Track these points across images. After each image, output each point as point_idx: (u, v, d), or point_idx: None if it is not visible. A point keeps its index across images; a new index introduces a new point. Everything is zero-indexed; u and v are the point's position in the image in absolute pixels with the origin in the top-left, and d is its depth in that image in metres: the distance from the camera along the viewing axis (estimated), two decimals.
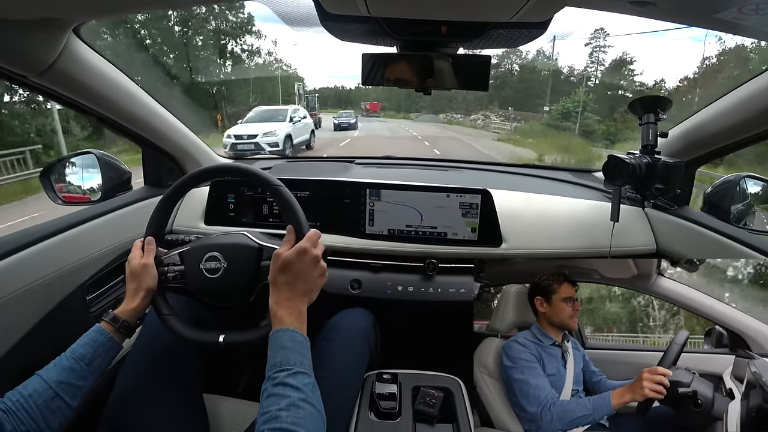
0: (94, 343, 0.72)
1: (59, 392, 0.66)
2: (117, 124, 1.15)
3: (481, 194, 1.18)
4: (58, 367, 0.68)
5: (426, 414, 0.93)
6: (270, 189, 0.83)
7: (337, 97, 63.75)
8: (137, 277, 0.81)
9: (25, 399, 0.63)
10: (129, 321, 0.77)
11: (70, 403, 0.67)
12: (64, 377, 0.67)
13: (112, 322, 0.76)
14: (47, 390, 0.65)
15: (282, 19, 23.73)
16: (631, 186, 1.11)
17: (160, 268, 0.84)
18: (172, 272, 0.84)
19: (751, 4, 0.61)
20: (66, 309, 1.03)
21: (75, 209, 1.15)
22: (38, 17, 0.74)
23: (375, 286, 1.21)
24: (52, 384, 0.66)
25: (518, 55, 36.14)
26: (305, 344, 0.70)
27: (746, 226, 1.12)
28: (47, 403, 0.64)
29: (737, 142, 1.04)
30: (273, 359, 0.66)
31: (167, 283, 0.84)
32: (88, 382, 0.70)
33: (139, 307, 0.79)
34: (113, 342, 0.75)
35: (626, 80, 26.16)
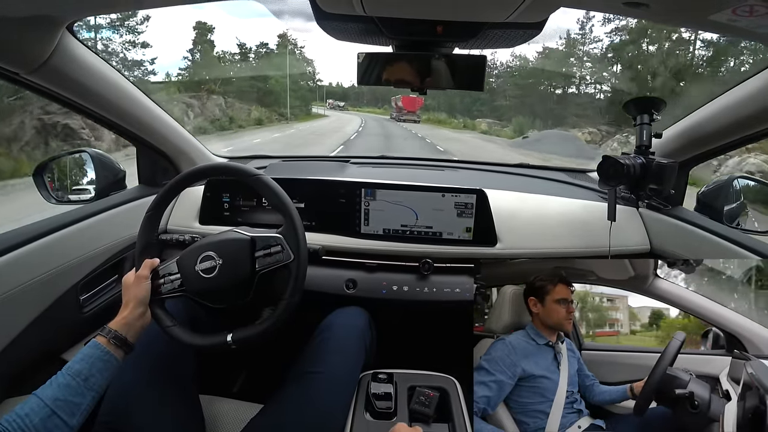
0: (90, 358, 0.71)
1: (56, 410, 0.64)
2: (111, 123, 1.14)
3: (476, 194, 1.19)
4: (54, 385, 0.67)
5: (421, 414, 0.93)
6: (251, 180, 0.83)
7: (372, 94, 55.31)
8: (128, 288, 0.81)
9: (21, 419, 0.62)
10: (120, 332, 0.75)
11: (68, 422, 0.65)
12: (60, 394, 0.66)
13: (105, 334, 0.74)
14: (44, 408, 0.64)
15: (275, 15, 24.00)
16: (625, 186, 1.12)
17: (156, 281, 0.83)
18: (170, 282, 0.83)
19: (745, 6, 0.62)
20: (59, 309, 1.02)
21: (68, 208, 1.14)
22: (32, 14, 0.74)
23: (370, 286, 1.21)
24: (48, 402, 0.64)
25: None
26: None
27: (739, 226, 1.13)
28: (44, 421, 0.63)
29: (730, 142, 1.05)
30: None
31: (167, 294, 0.83)
32: (86, 399, 0.68)
33: (129, 317, 0.77)
34: (109, 356, 0.72)
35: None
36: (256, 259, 0.82)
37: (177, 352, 0.89)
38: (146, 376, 0.85)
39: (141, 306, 0.79)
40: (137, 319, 0.78)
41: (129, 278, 0.83)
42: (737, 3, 0.61)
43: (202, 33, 22.08)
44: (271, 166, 1.58)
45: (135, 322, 0.78)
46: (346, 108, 50.91)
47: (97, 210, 1.15)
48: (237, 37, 40.63)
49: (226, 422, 0.93)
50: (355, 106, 53.93)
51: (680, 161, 1.11)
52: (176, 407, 0.86)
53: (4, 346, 0.90)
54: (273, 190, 0.82)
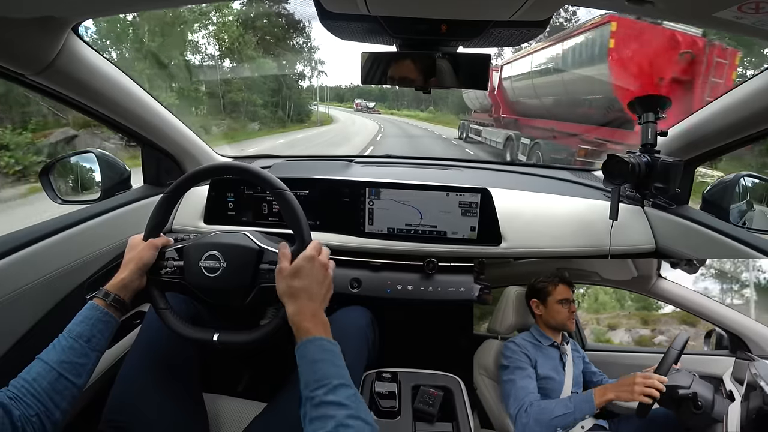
0: (89, 319, 0.71)
1: (62, 372, 0.65)
2: (116, 123, 1.15)
3: (480, 193, 1.19)
4: (57, 348, 0.68)
5: (425, 413, 0.93)
6: (274, 193, 0.83)
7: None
8: (134, 248, 0.81)
9: (29, 383, 0.63)
10: (119, 294, 0.75)
11: (75, 382, 0.67)
12: (65, 357, 0.67)
13: (103, 297, 0.74)
14: (50, 371, 0.65)
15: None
16: (630, 185, 1.12)
17: (160, 261, 0.84)
18: (171, 267, 0.84)
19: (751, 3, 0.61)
20: (66, 308, 1.03)
21: (74, 208, 1.15)
22: (37, 16, 0.74)
23: (375, 285, 1.21)
24: (54, 365, 0.65)
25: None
26: (336, 351, 0.68)
27: (745, 224, 1.12)
28: (52, 384, 0.64)
29: (736, 141, 1.05)
30: (307, 376, 0.63)
31: (165, 276, 0.84)
32: (90, 359, 0.70)
33: (127, 279, 0.77)
34: (109, 316, 0.73)
35: None
36: (259, 272, 0.82)
37: (181, 351, 0.90)
38: (151, 374, 0.86)
39: (141, 270, 0.80)
40: (134, 281, 0.79)
41: (136, 239, 0.83)
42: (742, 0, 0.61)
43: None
44: (275, 165, 1.59)
45: (131, 284, 0.78)
46: (375, 110, 45.79)
47: (102, 210, 1.16)
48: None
49: (230, 420, 0.94)
50: (393, 107, 48.22)
51: (685, 160, 1.10)
52: (180, 405, 0.87)
53: (10, 345, 0.91)
54: (294, 209, 0.81)
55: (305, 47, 26.49)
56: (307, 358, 0.66)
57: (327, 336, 0.69)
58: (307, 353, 0.66)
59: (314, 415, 0.59)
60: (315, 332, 0.69)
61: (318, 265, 0.76)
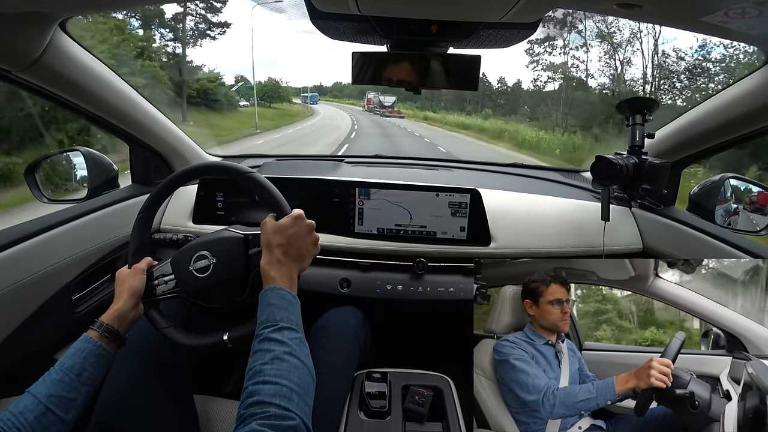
0: (81, 352, 0.69)
1: (50, 406, 0.64)
2: (104, 121, 1.13)
3: (470, 194, 1.19)
4: (47, 381, 0.66)
5: (415, 412, 0.93)
6: (243, 178, 0.83)
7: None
8: (123, 280, 0.80)
9: (15, 417, 0.61)
10: (112, 325, 0.74)
11: (63, 418, 0.65)
12: (53, 390, 0.65)
13: (96, 328, 0.73)
14: (38, 405, 0.63)
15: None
16: (618, 186, 1.13)
17: (151, 282, 0.82)
18: (164, 283, 0.82)
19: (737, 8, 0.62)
20: (51, 309, 1.01)
21: (61, 207, 1.13)
22: (23, 11, 0.73)
23: (364, 285, 1.21)
24: (42, 398, 0.64)
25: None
26: (294, 302, 0.70)
27: (730, 225, 1.14)
28: (38, 418, 0.62)
29: (722, 143, 1.06)
30: (261, 317, 0.67)
31: (160, 296, 0.82)
32: (81, 394, 0.68)
33: (122, 308, 0.76)
34: (102, 349, 0.71)
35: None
36: (250, 257, 0.81)
37: (171, 352, 0.89)
38: (140, 377, 0.84)
39: (134, 298, 0.78)
40: (130, 310, 0.77)
41: (124, 271, 0.81)
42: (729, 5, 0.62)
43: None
44: (265, 165, 1.58)
45: (127, 314, 0.77)
46: (396, 110, 32.93)
47: (89, 209, 1.14)
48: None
49: (221, 422, 0.93)
50: (426, 107, 35.16)
51: (672, 161, 1.12)
52: (171, 407, 0.86)
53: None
54: (265, 187, 0.81)
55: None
56: (264, 303, 0.69)
57: (292, 289, 0.72)
58: (266, 298, 0.69)
59: (256, 348, 0.63)
60: (280, 282, 0.71)
61: (303, 225, 0.78)
